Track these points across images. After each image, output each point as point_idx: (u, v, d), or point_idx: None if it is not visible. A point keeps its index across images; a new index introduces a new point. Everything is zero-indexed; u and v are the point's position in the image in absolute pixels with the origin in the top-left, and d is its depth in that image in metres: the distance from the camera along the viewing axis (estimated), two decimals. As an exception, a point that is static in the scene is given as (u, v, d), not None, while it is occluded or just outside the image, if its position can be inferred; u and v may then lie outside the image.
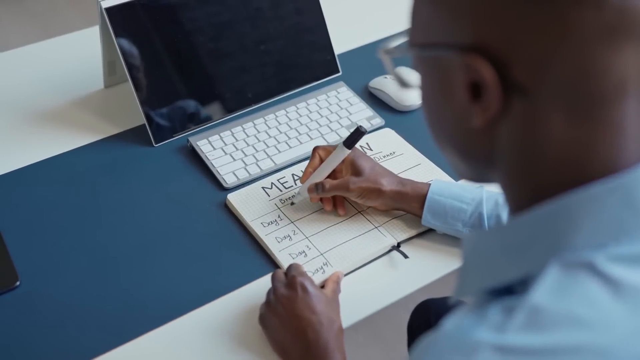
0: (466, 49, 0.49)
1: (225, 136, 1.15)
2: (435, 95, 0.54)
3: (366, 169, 0.97)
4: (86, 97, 1.25)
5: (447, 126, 0.55)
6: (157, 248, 0.98)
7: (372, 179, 0.96)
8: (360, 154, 0.99)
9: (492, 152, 0.52)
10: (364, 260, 0.96)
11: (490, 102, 0.49)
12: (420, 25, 0.53)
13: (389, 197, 0.96)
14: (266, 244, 0.97)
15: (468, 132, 0.52)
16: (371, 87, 1.26)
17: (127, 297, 0.92)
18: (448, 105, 0.52)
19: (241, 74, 1.20)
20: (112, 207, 1.04)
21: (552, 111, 0.48)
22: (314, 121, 1.19)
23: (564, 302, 0.46)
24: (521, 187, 0.52)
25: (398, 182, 0.97)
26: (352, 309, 0.90)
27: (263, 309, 0.86)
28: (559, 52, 0.46)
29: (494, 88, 0.48)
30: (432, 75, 0.53)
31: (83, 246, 0.99)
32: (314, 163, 1.00)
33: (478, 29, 0.48)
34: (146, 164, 1.12)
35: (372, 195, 0.96)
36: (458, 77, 0.50)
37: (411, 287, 0.94)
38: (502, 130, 0.50)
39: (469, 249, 0.56)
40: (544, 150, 0.49)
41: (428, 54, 0.53)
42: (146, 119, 1.14)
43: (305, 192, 1.00)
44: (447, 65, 0.50)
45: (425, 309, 1.23)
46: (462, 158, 0.56)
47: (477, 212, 0.93)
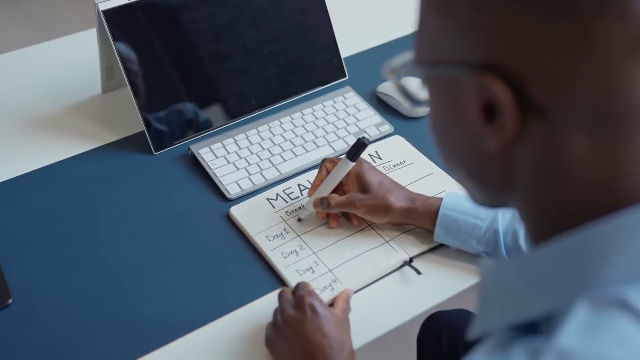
0: (478, 67, 0.45)
1: (228, 144, 1.10)
2: (445, 116, 0.50)
3: (374, 185, 0.92)
4: (83, 103, 1.20)
5: (459, 150, 0.51)
6: (157, 263, 0.94)
7: (380, 195, 0.92)
8: (367, 167, 0.94)
9: (508, 178, 0.49)
10: (375, 277, 0.91)
11: (505, 125, 0.45)
12: (428, 41, 0.49)
13: (397, 214, 0.91)
14: (272, 260, 0.92)
15: (482, 156, 0.49)
16: (379, 92, 1.21)
17: (126, 316, 0.88)
18: (460, 127, 0.49)
19: (243, 78, 1.16)
20: (110, 219, 1.00)
21: (574, 133, 0.44)
22: (320, 128, 1.14)
23: (596, 343, 0.42)
24: (542, 214, 0.49)
25: (407, 198, 0.92)
26: (363, 328, 0.85)
27: (269, 330, 0.82)
28: (580, 68, 0.42)
29: (509, 109, 0.45)
30: (442, 95, 0.50)
31: (79, 261, 0.94)
32: (321, 176, 0.96)
33: (490, 45, 0.44)
34: (145, 174, 1.07)
35: (380, 213, 0.92)
36: (470, 98, 0.46)
37: (425, 305, 0.89)
38: (519, 154, 0.47)
39: (487, 279, 0.53)
40: (566, 175, 0.46)
41: (436, 72, 0.49)
42: (145, 126, 1.09)
43: (311, 207, 0.95)
44: (458, 84, 0.47)
45: (436, 322, 1.18)
46: (476, 184, 0.53)
47: (493, 228, 0.88)
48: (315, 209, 0.95)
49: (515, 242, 0.86)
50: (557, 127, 0.44)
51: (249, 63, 1.16)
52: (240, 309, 0.88)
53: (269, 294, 0.90)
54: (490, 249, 0.88)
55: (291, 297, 0.83)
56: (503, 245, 0.87)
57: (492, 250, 0.88)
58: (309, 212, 0.97)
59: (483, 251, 0.89)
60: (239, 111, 1.16)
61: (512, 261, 0.51)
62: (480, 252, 0.90)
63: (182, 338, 0.85)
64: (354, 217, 0.96)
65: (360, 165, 0.94)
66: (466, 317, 1.18)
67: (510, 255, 0.87)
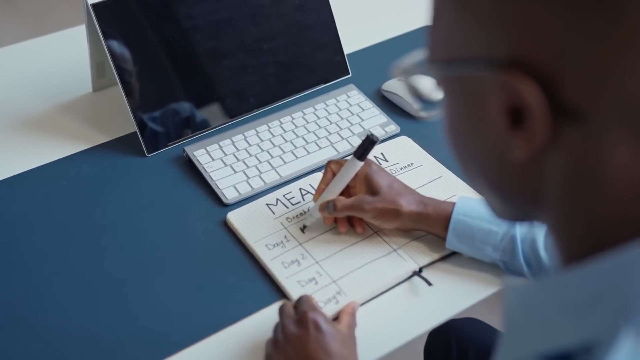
0: (503, 64, 0.40)
1: (225, 145, 1.04)
2: (464, 121, 0.45)
3: (383, 187, 0.86)
4: (72, 102, 1.14)
5: (481, 159, 0.46)
6: (149, 273, 0.88)
7: (390, 198, 0.86)
8: (376, 168, 0.89)
9: (536, 189, 0.44)
10: (382, 288, 0.85)
11: (535, 130, 0.40)
12: (444, 37, 0.44)
13: (408, 218, 0.85)
14: (271, 270, 0.86)
15: (507, 165, 0.44)
16: (384, 91, 1.15)
17: (115, 332, 0.82)
18: (481, 134, 0.44)
19: (242, 76, 1.10)
20: (98, 226, 0.94)
21: (615, 139, 0.39)
22: (322, 128, 1.08)
23: None
24: (575, 229, 0.44)
25: (419, 202, 0.86)
26: (369, 345, 0.79)
27: (269, 348, 0.76)
28: (621, 65, 0.37)
29: (539, 112, 0.39)
30: (461, 97, 0.45)
31: (65, 272, 0.88)
32: (327, 179, 0.90)
33: (517, 38, 0.39)
34: (137, 177, 1.01)
35: (389, 217, 0.86)
36: (493, 99, 0.41)
37: (436, 319, 0.84)
38: (549, 163, 0.42)
39: (513, 302, 0.48)
40: (603, 186, 0.41)
41: (454, 71, 0.44)
42: (138, 126, 1.03)
43: (317, 212, 0.89)
44: (479, 84, 0.42)
45: (445, 332, 1.12)
46: (500, 196, 0.48)
47: (510, 235, 0.82)
48: (322, 214, 0.89)
49: (534, 251, 0.80)
50: (594, 132, 0.39)
51: (247, 60, 1.10)
52: (238, 324, 0.82)
53: (268, 307, 0.84)
54: (507, 258, 0.82)
55: (293, 312, 0.77)
56: (521, 253, 0.81)
57: (509, 259, 0.82)
58: (315, 217, 0.91)
59: (499, 260, 0.83)
60: (236, 111, 1.10)
61: (543, 283, 0.46)
62: (495, 261, 0.84)
63: (174, 355, 0.79)
64: (358, 224, 0.90)
65: (369, 166, 0.88)
66: (477, 327, 1.13)
67: (529, 265, 0.81)
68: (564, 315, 0.42)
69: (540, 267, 0.80)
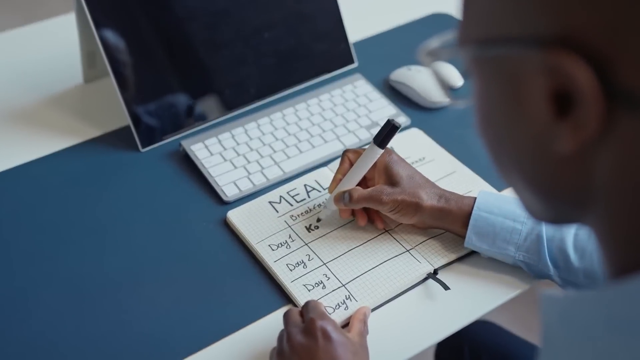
0: (549, 43, 0.35)
1: (224, 139, 0.98)
2: (500, 110, 0.41)
3: (403, 178, 0.80)
4: (62, 94, 1.08)
5: (519, 152, 0.41)
6: (144, 277, 0.82)
7: (410, 190, 0.79)
8: (396, 158, 0.83)
9: (584, 187, 0.39)
10: (395, 292, 0.79)
11: (585, 118, 0.35)
12: (479, 14, 0.40)
13: (428, 214, 0.79)
14: (275, 273, 0.80)
15: (550, 160, 0.39)
16: (392, 81, 1.09)
17: (108, 341, 0.76)
18: (520, 123, 0.39)
19: (241, 66, 1.04)
20: (91, 226, 0.88)
21: None
22: (327, 120, 1.02)
23: None
24: (628, 234, 0.39)
25: (440, 196, 0.80)
26: (382, 354, 0.73)
27: (274, 359, 0.69)
28: None
29: (591, 97, 0.35)
30: (497, 82, 0.40)
31: (55, 275, 0.82)
32: (344, 168, 0.84)
33: (566, 12, 0.35)
34: (131, 173, 0.95)
35: (408, 211, 0.79)
36: (537, 84, 0.37)
37: (453, 326, 0.78)
38: (600, 156, 0.37)
39: (552, 315, 0.43)
40: None
41: (491, 53, 0.39)
42: (131, 120, 0.97)
43: (333, 204, 0.83)
44: (519, 67, 0.37)
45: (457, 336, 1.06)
46: (540, 195, 0.42)
47: (535, 233, 0.76)
48: (337, 206, 0.83)
49: (562, 252, 0.74)
50: None
51: (246, 49, 1.04)
52: (240, 332, 0.76)
53: (272, 313, 0.78)
54: (531, 258, 0.76)
55: (299, 319, 0.71)
56: (547, 254, 0.75)
57: (534, 260, 0.76)
58: (331, 210, 0.85)
59: (522, 261, 0.77)
60: (236, 102, 1.03)
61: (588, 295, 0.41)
62: (517, 262, 0.78)
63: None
64: (378, 218, 0.84)
65: (389, 155, 0.82)
66: (491, 330, 1.07)
67: (556, 266, 0.75)
68: (616, 334, 0.38)
69: (568, 269, 0.74)
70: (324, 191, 0.90)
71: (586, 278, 0.74)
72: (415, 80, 1.06)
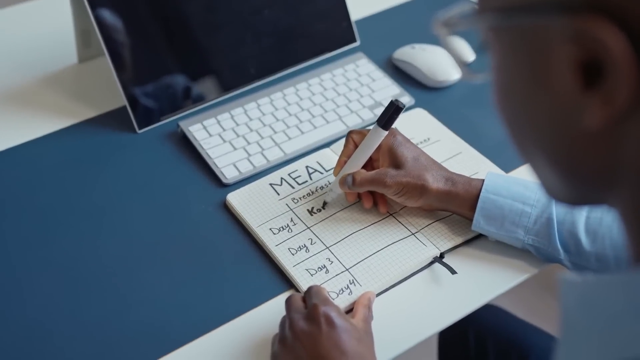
0: (577, 8, 0.33)
1: (223, 120, 0.95)
2: (522, 82, 0.39)
3: (408, 160, 0.78)
4: (56, 74, 1.05)
5: (541, 128, 0.39)
6: (142, 262, 0.79)
7: (415, 172, 0.77)
8: (401, 140, 0.80)
9: (612, 165, 0.37)
10: (400, 277, 0.77)
11: (616, 89, 0.33)
12: None
13: (434, 196, 0.77)
14: (277, 257, 0.78)
15: (576, 136, 0.37)
16: (396, 59, 1.06)
17: (106, 328, 0.73)
18: (544, 97, 0.37)
19: (241, 45, 1.01)
20: (86, 210, 0.85)
21: None
22: (329, 100, 0.99)
23: None
24: None
25: (447, 179, 0.77)
26: (387, 340, 0.71)
27: (276, 346, 0.67)
28: None
29: (623, 66, 0.32)
30: (518, 53, 0.38)
31: (50, 261, 0.80)
32: (348, 150, 0.81)
33: None
34: (128, 155, 0.93)
35: (413, 194, 0.77)
36: (563, 53, 0.35)
37: (461, 311, 0.75)
38: (630, 132, 0.35)
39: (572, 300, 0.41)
40: None
41: (513, 21, 0.37)
42: (127, 100, 0.94)
43: (339, 187, 0.80)
44: (545, 35, 0.35)
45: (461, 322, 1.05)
46: (563, 174, 0.40)
47: (545, 216, 0.74)
48: (342, 189, 0.81)
49: (573, 236, 0.72)
50: None
51: (246, 28, 1.01)
52: (240, 318, 0.74)
53: (274, 298, 0.76)
54: (541, 243, 0.74)
55: (302, 305, 0.68)
56: (558, 238, 0.73)
57: (544, 244, 0.74)
58: (336, 193, 0.82)
59: (531, 245, 0.75)
60: (235, 82, 1.00)
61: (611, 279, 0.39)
62: (525, 246, 0.76)
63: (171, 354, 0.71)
64: (382, 202, 0.82)
65: (393, 136, 0.80)
66: (497, 314, 1.05)
67: (567, 250, 0.73)
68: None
69: (579, 253, 0.72)
70: (326, 173, 0.88)
71: (597, 262, 0.72)
72: (419, 58, 1.03)
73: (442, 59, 1.02)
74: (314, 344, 0.64)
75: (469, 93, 1.00)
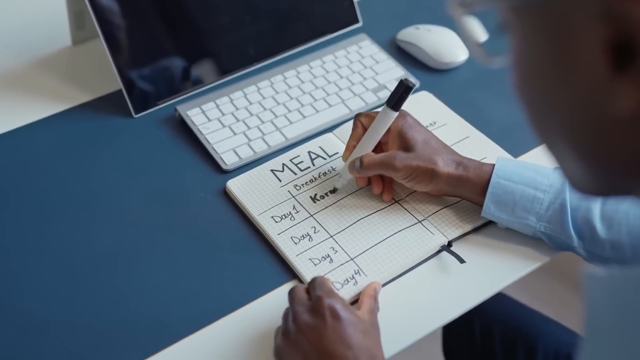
0: None
1: (223, 104, 0.92)
2: (545, 66, 0.36)
3: (418, 143, 0.75)
4: (49, 57, 1.02)
5: (566, 115, 0.37)
6: (140, 251, 0.77)
7: (426, 156, 0.74)
8: (411, 122, 0.77)
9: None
10: (407, 266, 0.74)
11: None
12: None
13: (445, 181, 0.74)
14: (279, 247, 0.75)
15: (604, 123, 0.34)
16: (400, 41, 1.03)
17: (103, 318, 0.71)
18: (570, 81, 0.35)
19: (239, 26, 0.98)
20: (82, 198, 0.83)
21: None
22: (332, 83, 0.96)
23: None
24: None
25: (458, 163, 0.75)
26: (393, 333, 0.69)
27: (280, 339, 0.65)
28: None
29: None
30: (541, 34, 0.36)
31: (44, 249, 0.77)
32: (357, 134, 0.79)
33: None
34: (124, 140, 0.90)
35: (423, 178, 0.74)
36: (591, 33, 0.32)
37: (470, 301, 0.73)
38: None
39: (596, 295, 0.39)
40: None
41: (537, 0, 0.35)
42: (123, 84, 0.91)
43: (348, 173, 0.78)
44: (572, 14, 0.33)
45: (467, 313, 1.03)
46: (589, 164, 0.38)
47: (558, 202, 0.71)
48: (351, 174, 0.78)
49: (588, 223, 0.69)
50: None
51: (245, 9, 0.98)
52: (241, 310, 0.71)
53: (276, 289, 0.73)
54: (554, 230, 0.71)
55: (305, 297, 0.66)
56: (571, 224, 0.70)
57: (556, 231, 0.71)
58: (346, 179, 0.80)
59: (542, 232, 0.72)
60: (234, 65, 0.97)
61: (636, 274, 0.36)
62: (537, 234, 0.73)
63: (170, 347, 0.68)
64: (387, 190, 0.79)
65: (403, 118, 0.77)
66: (503, 302, 1.03)
67: (581, 237, 0.70)
68: None
69: (594, 240, 0.69)
70: (329, 158, 0.85)
71: (613, 250, 0.69)
72: (424, 39, 1.00)
73: (447, 40, 0.99)
74: (318, 338, 0.62)
75: (475, 75, 0.97)
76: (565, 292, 1.55)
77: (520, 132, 0.88)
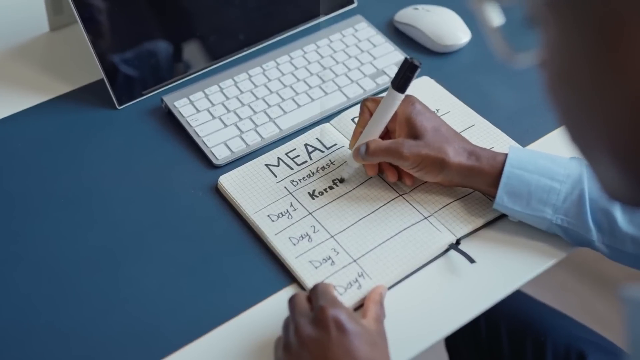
0: None
1: (212, 93, 0.87)
2: (585, 65, 0.33)
3: (428, 130, 0.70)
4: (25, 44, 0.96)
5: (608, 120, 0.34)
6: (126, 255, 0.72)
7: (436, 144, 0.70)
8: (420, 109, 0.73)
9: None
10: (413, 267, 0.70)
11: None
12: None
13: (455, 172, 0.70)
14: (276, 248, 0.70)
15: None
16: (397, 22, 0.97)
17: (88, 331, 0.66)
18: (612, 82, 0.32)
19: (228, 8, 0.93)
20: (62, 197, 0.77)
21: None
22: (327, 69, 0.91)
23: None
24: None
25: (470, 153, 0.70)
26: (401, 340, 0.64)
27: (280, 352, 0.60)
28: None
29: None
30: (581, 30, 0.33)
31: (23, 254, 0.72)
32: (364, 120, 0.74)
33: None
34: (107, 134, 0.84)
35: (433, 168, 0.70)
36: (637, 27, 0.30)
37: (481, 304, 0.69)
38: None
39: None
40: None
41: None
42: (105, 73, 0.85)
43: (355, 161, 0.74)
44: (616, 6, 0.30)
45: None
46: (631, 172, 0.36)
47: (576, 192, 0.67)
48: (357, 162, 0.74)
49: (608, 215, 0.65)
50: None
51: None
52: (238, 317, 0.67)
53: (275, 294, 0.68)
54: (571, 223, 0.67)
55: (307, 307, 0.61)
56: (590, 217, 0.66)
57: (574, 224, 0.67)
58: (353, 168, 0.75)
59: (559, 225, 0.68)
60: (223, 50, 0.92)
61: None
62: (552, 228, 0.69)
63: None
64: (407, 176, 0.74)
65: (412, 104, 0.72)
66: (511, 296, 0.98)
67: (600, 229, 0.66)
68: None
69: (614, 234, 0.65)
70: (327, 151, 0.80)
71: (634, 245, 0.65)
72: (423, 21, 0.94)
73: (448, 21, 0.94)
74: (323, 352, 0.57)
75: (479, 58, 0.92)
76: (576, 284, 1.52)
77: (528, 118, 0.84)
